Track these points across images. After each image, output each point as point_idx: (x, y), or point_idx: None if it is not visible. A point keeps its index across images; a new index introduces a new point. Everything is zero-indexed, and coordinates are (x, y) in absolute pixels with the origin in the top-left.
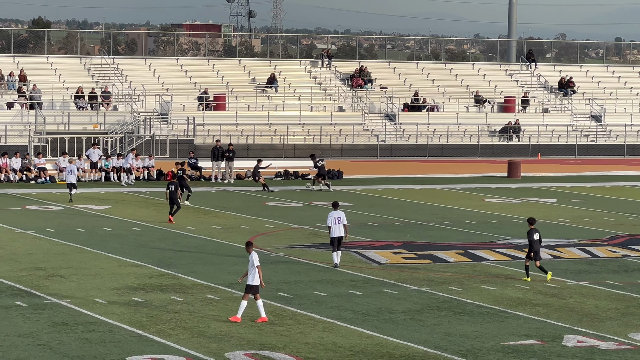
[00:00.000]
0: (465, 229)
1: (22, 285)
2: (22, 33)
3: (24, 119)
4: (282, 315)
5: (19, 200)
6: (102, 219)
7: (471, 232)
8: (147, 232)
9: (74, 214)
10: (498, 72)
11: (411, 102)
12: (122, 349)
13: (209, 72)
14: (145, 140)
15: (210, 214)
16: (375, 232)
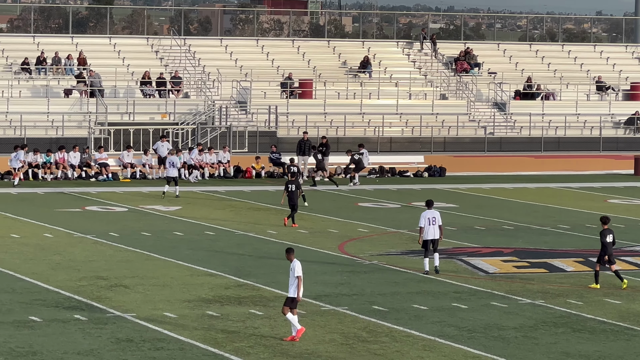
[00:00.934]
0: (585, 234)
1: (82, 297)
2: (81, 11)
3: (83, 108)
4: (377, 332)
5: (78, 200)
6: (172, 221)
7: (592, 237)
8: (223, 237)
9: (140, 217)
10: (624, 55)
11: (523, 89)
12: None
13: (294, 55)
14: (221, 132)
15: (296, 217)
16: (482, 237)
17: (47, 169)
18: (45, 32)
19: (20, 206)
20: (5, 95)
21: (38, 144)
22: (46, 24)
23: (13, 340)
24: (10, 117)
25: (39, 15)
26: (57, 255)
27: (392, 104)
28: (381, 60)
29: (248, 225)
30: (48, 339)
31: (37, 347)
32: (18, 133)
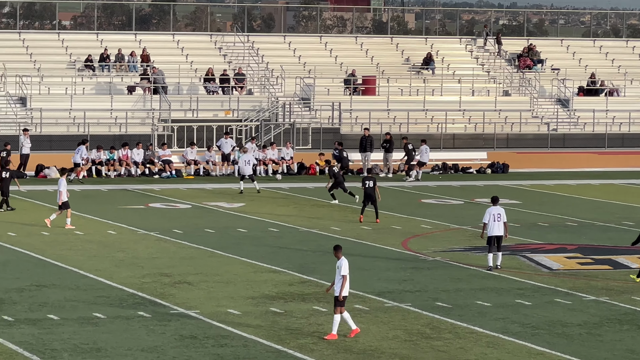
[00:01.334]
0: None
1: (146, 294)
2: (144, 7)
3: (146, 105)
4: (440, 329)
5: (142, 197)
6: (235, 218)
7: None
8: (286, 234)
9: (203, 213)
10: None
11: (587, 85)
12: None
13: (357, 52)
14: (285, 129)
15: (359, 213)
16: (546, 234)
17: (110, 166)
18: (108, 29)
19: (83, 203)
20: (69, 92)
21: (101, 141)
22: (109, 21)
23: (77, 337)
24: (74, 114)
25: (103, 12)
26: (120, 252)
27: (455, 100)
28: (444, 56)
29: (312, 222)
30: (112, 335)
31: (101, 344)
32: (81, 130)
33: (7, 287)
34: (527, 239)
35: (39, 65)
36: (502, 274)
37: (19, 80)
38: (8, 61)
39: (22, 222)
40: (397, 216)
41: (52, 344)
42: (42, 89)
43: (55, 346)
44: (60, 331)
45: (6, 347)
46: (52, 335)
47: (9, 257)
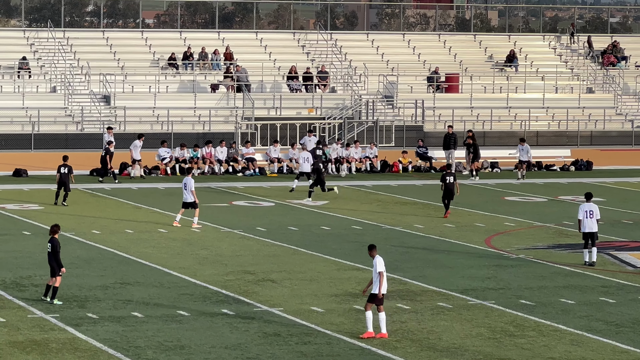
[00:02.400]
0: None
1: (229, 291)
2: (227, 6)
3: (229, 102)
4: (524, 326)
5: (225, 195)
6: (319, 216)
7: None
8: (369, 231)
9: (287, 211)
10: None
11: None
12: None
13: (440, 49)
14: (368, 126)
15: (442, 211)
16: (630, 231)
17: (194, 164)
18: (191, 27)
19: (167, 201)
20: (153, 91)
21: (185, 139)
22: (192, 19)
23: (161, 334)
24: (157, 112)
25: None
26: (204, 250)
27: (539, 97)
28: (527, 54)
29: (395, 219)
30: (196, 333)
31: (185, 341)
32: (165, 128)
33: (92, 284)
34: (611, 237)
35: (122, 64)
36: (586, 272)
37: (103, 79)
38: (92, 60)
39: (107, 220)
40: (481, 213)
41: (136, 342)
42: (126, 87)
43: (139, 343)
44: (144, 328)
45: (91, 344)
46: (136, 332)
47: (93, 255)
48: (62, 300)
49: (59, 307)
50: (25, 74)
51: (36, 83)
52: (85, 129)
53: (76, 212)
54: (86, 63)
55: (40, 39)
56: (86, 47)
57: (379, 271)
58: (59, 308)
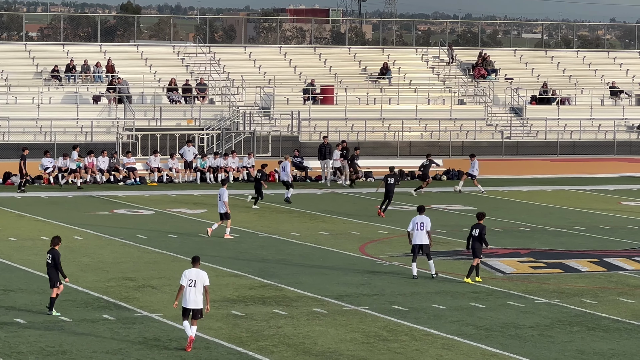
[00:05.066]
0: (600, 235)
1: (111, 297)
2: (109, 19)
3: (111, 114)
4: (397, 331)
5: (107, 204)
6: (197, 224)
7: (607, 238)
8: (247, 239)
9: (166, 219)
10: (636, 61)
11: (539, 94)
12: None
13: (316, 62)
14: (245, 137)
15: (317, 219)
16: (500, 239)
17: (76, 174)
18: (74, 41)
19: (50, 209)
20: (36, 102)
21: (68, 149)
22: (75, 33)
23: (43, 340)
24: (41, 122)
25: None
26: (86, 257)
27: (412, 109)
28: (400, 66)
29: (271, 227)
30: (77, 338)
31: (66, 347)
32: (48, 138)
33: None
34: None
35: (6, 76)
36: (456, 278)
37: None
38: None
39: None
40: (355, 222)
41: (19, 347)
42: (10, 99)
43: (21, 349)
44: (26, 334)
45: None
46: (19, 338)
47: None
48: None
49: None
50: None
51: None
52: None
53: None
54: None
55: None
56: None
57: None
58: None
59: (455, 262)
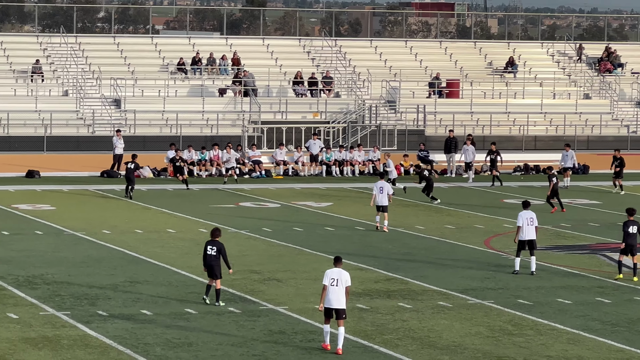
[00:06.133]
0: None
1: (236, 290)
2: (235, 12)
3: (237, 107)
4: (522, 325)
5: (232, 197)
6: (323, 217)
7: None
8: (372, 232)
9: (292, 212)
10: None
11: None
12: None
13: (441, 56)
14: (371, 130)
15: (443, 212)
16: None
17: (202, 166)
18: (200, 33)
19: (175, 202)
20: (162, 95)
21: (193, 142)
22: (201, 25)
23: (169, 332)
24: (167, 115)
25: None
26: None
27: (537, 103)
28: (526, 60)
29: (397, 221)
30: (203, 330)
31: (192, 339)
32: (174, 131)
33: (102, 283)
34: (607, 239)
35: (132, 69)
36: (582, 273)
37: (114, 83)
38: (103, 64)
39: (117, 220)
40: (480, 215)
41: (145, 338)
42: (136, 91)
43: (148, 340)
44: (153, 326)
45: (101, 341)
46: (145, 329)
47: (103, 254)
48: (73, 298)
49: (70, 305)
50: (39, 78)
51: (49, 87)
52: (96, 131)
53: (87, 213)
54: (97, 68)
55: (53, 44)
56: (97, 52)
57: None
58: (70, 306)
59: (580, 256)
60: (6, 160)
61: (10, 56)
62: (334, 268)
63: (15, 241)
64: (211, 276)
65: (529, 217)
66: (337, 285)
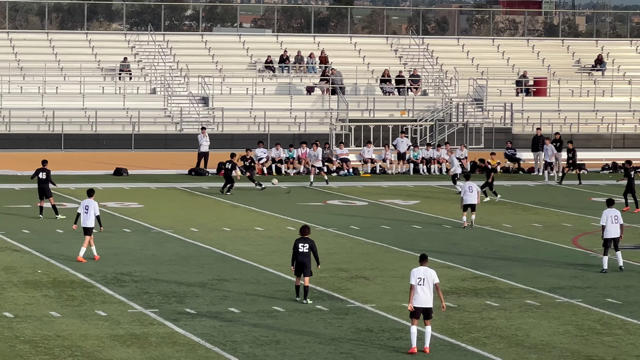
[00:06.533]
0: None
1: (323, 288)
2: (322, 11)
3: (324, 105)
4: (611, 324)
5: (320, 195)
6: (411, 215)
7: None
8: (459, 230)
9: (379, 210)
10: None
11: None
12: (433, 359)
13: (528, 54)
14: (458, 128)
15: (530, 211)
16: None
17: (289, 164)
18: (287, 32)
19: (263, 200)
20: (250, 93)
21: (280, 140)
22: (288, 24)
23: (257, 329)
24: (254, 113)
25: (282, 15)
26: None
27: (626, 101)
28: (614, 58)
29: (484, 219)
30: (290, 328)
31: (280, 336)
32: (262, 129)
33: (190, 281)
34: None
35: (220, 66)
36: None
37: (202, 81)
38: (191, 62)
39: (205, 218)
40: (568, 214)
41: (233, 336)
42: (224, 89)
43: (235, 338)
44: (240, 323)
45: (189, 338)
46: (233, 327)
47: (191, 252)
48: (161, 295)
49: (158, 302)
50: (126, 76)
51: (137, 85)
52: (184, 129)
53: (175, 211)
54: (185, 65)
55: (140, 42)
56: (185, 50)
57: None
58: (158, 303)
59: None
60: (94, 158)
61: (98, 54)
62: (419, 267)
63: (104, 239)
64: (300, 274)
65: (613, 215)
66: (424, 284)
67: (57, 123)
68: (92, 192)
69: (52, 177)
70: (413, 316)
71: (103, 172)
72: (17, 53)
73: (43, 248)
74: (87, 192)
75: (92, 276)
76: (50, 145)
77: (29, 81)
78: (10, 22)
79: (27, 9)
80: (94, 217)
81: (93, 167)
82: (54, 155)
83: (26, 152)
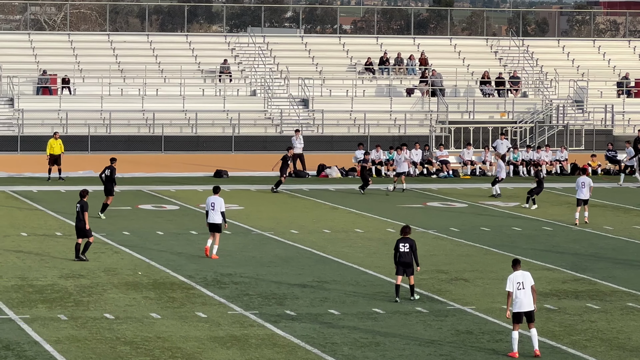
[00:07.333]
0: None
1: (423, 290)
2: (422, 12)
3: (424, 106)
4: None
5: (419, 197)
6: (510, 217)
7: None
8: (559, 233)
9: (479, 212)
10: None
11: None
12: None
13: (630, 55)
14: (558, 130)
15: (631, 213)
16: None
17: (390, 166)
18: (387, 33)
19: (363, 201)
20: (350, 94)
21: (380, 142)
22: (388, 25)
23: (357, 331)
24: (354, 115)
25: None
26: None
27: None
28: None
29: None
30: (390, 330)
31: (379, 338)
32: (362, 131)
33: (290, 282)
34: None
35: (320, 68)
36: None
37: (302, 83)
38: (291, 64)
39: (305, 220)
40: None
41: (333, 338)
42: (324, 91)
43: (335, 340)
44: (340, 325)
45: (289, 340)
46: (333, 329)
47: (291, 254)
48: (261, 297)
49: (258, 304)
50: (227, 78)
51: (237, 87)
52: (284, 131)
53: (275, 213)
54: (285, 67)
55: (240, 44)
56: (285, 52)
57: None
58: (258, 305)
59: None
60: (194, 160)
61: (198, 56)
62: (515, 272)
63: (204, 241)
64: (402, 274)
65: None
66: (524, 288)
67: (157, 125)
68: (218, 189)
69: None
70: (516, 321)
71: (203, 174)
72: (117, 55)
73: (143, 250)
74: (213, 190)
75: (193, 278)
76: (151, 147)
77: (130, 83)
78: (111, 24)
79: (127, 11)
80: (219, 214)
81: (193, 169)
82: (154, 157)
83: (126, 154)
